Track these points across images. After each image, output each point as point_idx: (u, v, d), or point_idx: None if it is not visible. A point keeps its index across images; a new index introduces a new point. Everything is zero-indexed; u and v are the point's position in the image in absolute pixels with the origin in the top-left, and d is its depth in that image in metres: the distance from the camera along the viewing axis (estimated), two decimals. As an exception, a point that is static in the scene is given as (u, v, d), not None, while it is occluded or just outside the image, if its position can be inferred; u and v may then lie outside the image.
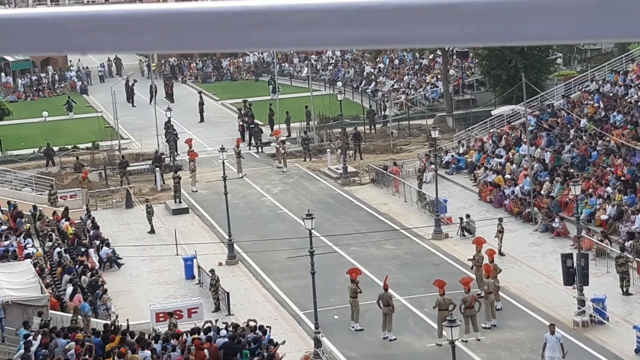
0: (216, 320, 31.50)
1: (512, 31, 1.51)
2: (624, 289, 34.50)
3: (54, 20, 1.49)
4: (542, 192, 44.46)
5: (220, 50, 1.55)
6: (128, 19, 1.46)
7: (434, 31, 1.46)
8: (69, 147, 62.00)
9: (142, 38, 1.46)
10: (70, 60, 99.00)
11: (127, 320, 31.64)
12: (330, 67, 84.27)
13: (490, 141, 53.57)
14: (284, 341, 30.21)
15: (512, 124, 54.90)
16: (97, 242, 42.11)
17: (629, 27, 1.50)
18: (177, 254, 41.47)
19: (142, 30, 1.47)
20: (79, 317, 31.62)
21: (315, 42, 1.46)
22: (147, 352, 28.36)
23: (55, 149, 60.52)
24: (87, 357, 28.09)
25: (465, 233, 41.95)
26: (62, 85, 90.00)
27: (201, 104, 72.47)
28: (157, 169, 54.26)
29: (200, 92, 76.54)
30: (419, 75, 74.78)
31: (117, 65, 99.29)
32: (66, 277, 36.48)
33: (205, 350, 28.96)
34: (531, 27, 1.52)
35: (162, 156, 56.99)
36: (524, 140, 49.41)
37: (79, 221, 45.15)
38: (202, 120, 71.29)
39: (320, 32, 1.44)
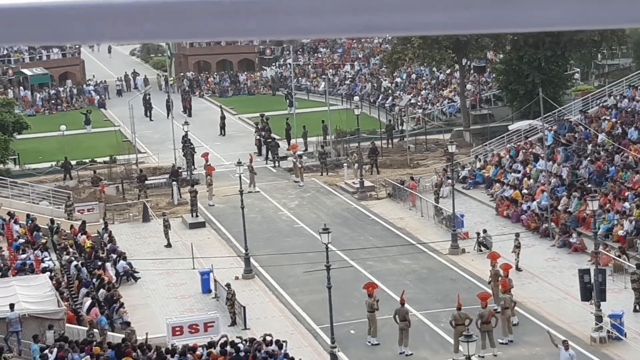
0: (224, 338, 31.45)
1: (510, 17, 1.49)
2: (636, 306, 34.23)
3: (53, 9, 1.48)
4: (559, 207, 44.29)
5: (218, 39, 1.53)
6: (127, 8, 1.44)
7: (433, 18, 1.45)
8: (87, 160, 62.22)
9: (141, 27, 1.44)
10: (91, 77, 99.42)
11: (146, 334, 31.65)
12: (347, 82, 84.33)
13: (508, 156, 53.44)
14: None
15: (530, 139, 54.76)
16: (114, 256, 42.17)
17: (629, 13, 1.48)
18: (194, 268, 41.48)
19: (141, 19, 1.45)
20: (95, 330, 31.63)
21: (314, 30, 1.44)
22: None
23: (73, 162, 60.75)
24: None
25: (482, 248, 41.80)
26: (80, 99, 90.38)
27: (222, 117, 72.74)
28: (174, 182, 54.36)
29: (220, 106, 76.74)
30: (436, 89, 74.75)
31: (134, 79, 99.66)
32: (83, 290, 36.54)
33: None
34: (530, 13, 1.50)
35: (179, 170, 57.10)
36: (542, 155, 49.27)
37: (96, 235, 45.24)
38: (223, 134, 71.48)
39: (319, 19, 1.42)
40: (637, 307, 34.30)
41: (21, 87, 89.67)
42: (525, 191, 47.82)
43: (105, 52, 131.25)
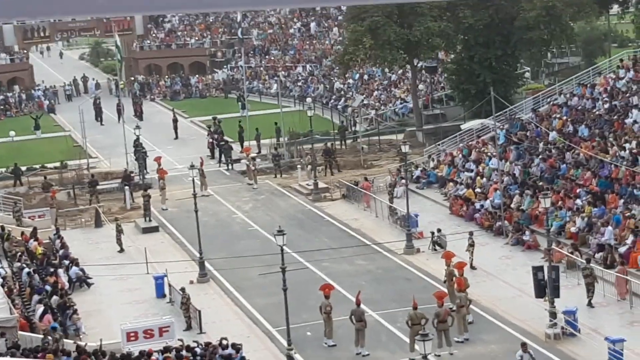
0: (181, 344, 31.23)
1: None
2: (590, 301, 34.53)
3: None
4: (512, 205, 44.59)
5: (173, 11, 1.45)
6: None
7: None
8: (37, 166, 61.53)
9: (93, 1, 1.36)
10: (40, 82, 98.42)
11: (100, 340, 31.31)
12: (299, 84, 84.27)
13: (460, 155, 53.71)
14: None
15: (482, 138, 55.08)
16: (67, 262, 41.73)
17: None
18: (148, 273, 41.16)
19: None
20: (49, 337, 31.23)
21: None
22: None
23: (23, 168, 60.05)
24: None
25: (437, 247, 41.95)
26: (29, 104, 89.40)
27: (175, 120, 72.38)
28: (127, 187, 53.93)
29: (172, 110, 76.42)
30: (388, 90, 74.94)
31: (84, 83, 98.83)
32: (36, 297, 36.07)
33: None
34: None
35: (132, 174, 56.66)
36: (494, 154, 49.58)
37: (48, 241, 44.75)
38: (176, 137, 71.16)
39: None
40: (590, 304, 34.60)
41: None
42: (478, 190, 48.08)
43: (55, 57, 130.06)
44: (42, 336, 31.45)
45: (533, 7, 58.94)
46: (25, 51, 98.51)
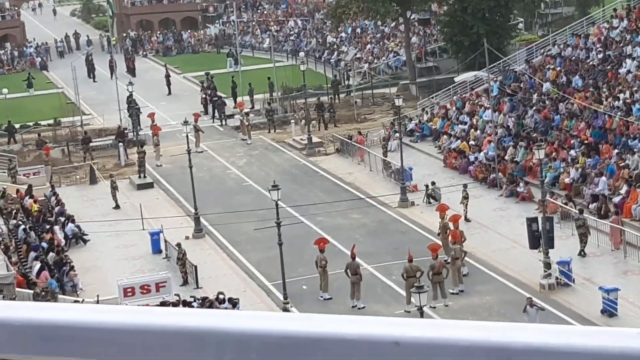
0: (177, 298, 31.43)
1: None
2: (582, 252, 34.74)
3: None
4: (506, 157, 44.64)
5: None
6: None
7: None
8: (31, 124, 61.41)
9: None
10: (31, 39, 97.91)
11: (97, 296, 31.49)
12: (292, 38, 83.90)
13: (454, 108, 53.67)
14: None
15: (476, 90, 55.01)
16: (62, 219, 41.82)
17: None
18: (143, 229, 41.26)
19: None
20: (46, 293, 31.39)
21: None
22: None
23: (17, 126, 59.94)
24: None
25: (431, 200, 42.05)
26: (22, 61, 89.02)
27: (167, 76, 72.16)
28: (121, 144, 53.88)
29: (165, 65, 76.08)
30: (381, 43, 74.67)
31: (76, 40, 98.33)
32: (32, 254, 36.22)
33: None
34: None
35: (125, 131, 56.57)
36: (487, 106, 49.55)
37: (43, 198, 44.80)
38: (169, 92, 70.97)
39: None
40: (583, 253, 34.81)
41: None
42: (472, 142, 48.11)
43: (47, 15, 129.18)
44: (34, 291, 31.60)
45: (526, -43, 58.63)
46: (16, 8, 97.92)
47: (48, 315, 1.49)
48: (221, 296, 31.26)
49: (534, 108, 48.34)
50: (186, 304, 30.57)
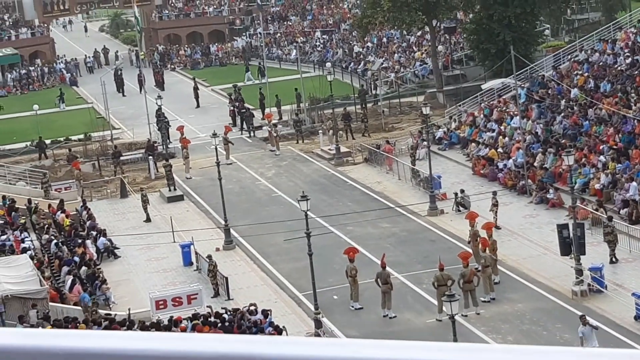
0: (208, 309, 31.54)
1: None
2: (612, 258, 34.51)
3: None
4: (535, 164, 44.52)
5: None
6: None
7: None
8: (61, 139, 61.91)
9: None
10: (61, 55, 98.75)
11: (129, 309, 31.70)
12: (319, 49, 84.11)
13: (482, 115, 53.60)
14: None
15: (503, 97, 54.91)
16: (94, 233, 42.12)
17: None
18: (174, 241, 41.48)
19: None
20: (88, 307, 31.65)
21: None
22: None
23: (48, 141, 60.45)
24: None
25: (461, 208, 41.99)
26: (52, 78, 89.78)
27: (196, 89, 72.55)
28: (150, 157, 54.20)
29: (194, 78, 76.48)
30: (407, 52, 74.68)
31: (105, 55, 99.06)
32: (65, 268, 36.52)
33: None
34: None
35: (155, 144, 56.92)
36: (516, 112, 49.43)
37: (75, 212, 45.15)
38: (198, 105, 71.36)
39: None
40: (614, 259, 34.64)
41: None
42: (500, 150, 48.02)
43: (78, 31, 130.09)
44: (74, 307, 31.85)
45: (552, -37, 58.48)
46: (45, 25, 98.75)
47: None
48: (252, 307, 31.38)
49: (562, 114, 48.19)
50: (218, 315, 30.69)
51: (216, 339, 1.54)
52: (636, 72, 48.73)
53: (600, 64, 52.49)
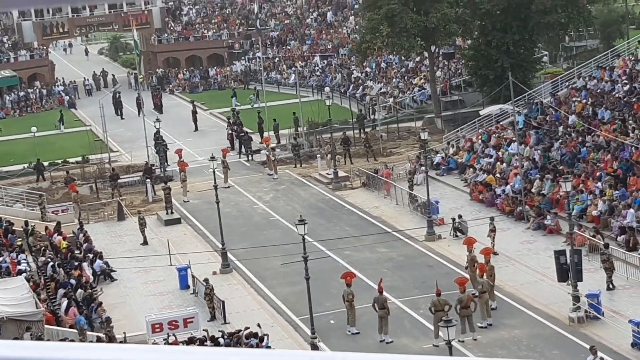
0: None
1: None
2: (609, 285, 34.48)
3: None
4: (533, 190, 44.55)
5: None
6: None
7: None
8: (59, 161, 61.91)
9: None
10: (57, 77, 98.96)
11: (124, 333, 31.60)
12: (317, 73, 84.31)
13: (480, 141, 53.68)
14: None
15: (501, 123, 55.01)
16: (91, 256, 42.05)
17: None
18: (171, 265, 41.42)
19: None
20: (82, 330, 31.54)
21: None
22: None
23: (45, 164, 60.44)
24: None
25: (458, 233, 41.99)
26: (50, 100, 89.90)
27: (194, 112, 72.65)
28: (148, 180, 54.20)
29: (192, 102, 76.59)
30: (406, 78, 74.88)
31: (104, 78, 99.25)
32: (61, 291, 36.42)
33: None
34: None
35: (153, 167, 56.93)
36: (513, 138, 49.51)
37: (72, 235, 45.09)
38: (196, 129, 71.46)
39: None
40: (610, 286, 34.60)
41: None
42: (498, 175, 48.07)
43: (78, 54, 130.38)
44: (70, 329, 31.72)
45: (550, -10, 58.71)
46: (44, 47, 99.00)
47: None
48: (256, 330, 31.31)
49: (560, 140, 48.27)
50: (214, 339, 30.61)
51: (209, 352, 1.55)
52: (634, 99, 48.86)
53: (598, 91, 52.63)
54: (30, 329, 31.09)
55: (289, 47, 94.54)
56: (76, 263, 40.20)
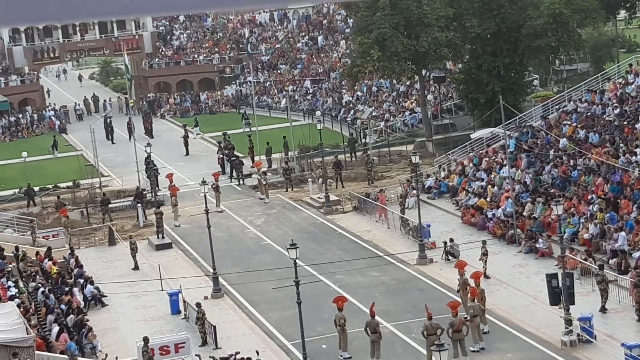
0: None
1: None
2: (602, 307, 34.44)
3: None
4: (524, 213, 44.55)
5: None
6: None
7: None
8: (50, 186, 61.77)
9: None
10: (49, 102, 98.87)
11: (116, 358, 31.41)
12: (308, 97, 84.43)
13: (471, 164, 53.73)
14: None
15: (492, 146, 55.09)
16: (81, 281, 41.87)
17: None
18: (162, 290, 41.28)
19: None
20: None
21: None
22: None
23: (36, 189, 60.30)
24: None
25: (450, 257, 41.94)
26: (41, 125, 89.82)
27: (186, 137, 72.65)
28: (139, 205, 54.09)
29: (184, 126, 76.57)
30: (397, 101, 75.03)
31: (95, 102, 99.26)
32: (50, 317, 36.22)
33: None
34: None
35: (144, 192, 56.83)
36: (505, 162, 49.56)
37: (63, 260, 44.91)
38: (187, 153, 71.45)
39: None
40: (604, 308, 34.51)
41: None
42: (489, 199, 48.08)
43: (72, 81, 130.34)
44: (61, 355, 31.54)
45: (540, 14, 58.95)
46: (35, 72, 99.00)
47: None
48: (239, 356, 31.13)
49: (551, 164, 48.34)
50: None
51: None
52: (624, 122, 48.99)
53: (589, 114, 52.77)
54: (17, 355, 30.85)
55: (279, 72, 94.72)
56: (67, 288, 40.01)
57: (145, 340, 32.80)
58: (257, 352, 31.60)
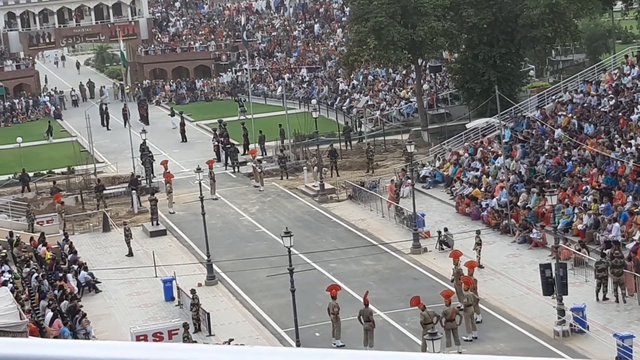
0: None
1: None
2: (601, 295, 34.52)
3: None
4: (518, 203, 44.61)
5: None
6: None
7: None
8: (45, 172, 61.73)
9: None
10: (45, 85, 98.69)
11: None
12: (304, 85, 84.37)
13: (466, 154, 53.75)
14: None
15: (487, 136, 55.12)
16: (75, 267, 41.88)
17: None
18: (156, 276, 41.30)
19: None
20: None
21: None
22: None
23: (31, 174, 60.24)
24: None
25: (444, 246, 42.00)
26: (36, 110, 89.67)
27: (182, 124, 72.57)
28: (134, 191, 54.07)
29: (181, 113, 76.28)
30: (393, 90, 74.99)
31: (90, 89, 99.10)
32: (43, 302, 36.23)
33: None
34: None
35: (139, 179, 56.81)
36: (500, 152, 49.61)
37: (57, 246, 44.91)
38: (184, 140, 71.38)
39: None
40: (603, 296, 34.53)
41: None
42: (484, 189, 48.11)
43: (71, 67, 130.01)
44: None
45: (536, 4, 58.89)
46: (30, 57, 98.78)
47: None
48: (232, 343, 31.18)
49: (546, 154, 48.38)
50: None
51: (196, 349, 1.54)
52: (620, 113, 49.04)
53: (584, 105, 52.81)
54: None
55: (276, 59, 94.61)
56: (61, 274, 40.02)
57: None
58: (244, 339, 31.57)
